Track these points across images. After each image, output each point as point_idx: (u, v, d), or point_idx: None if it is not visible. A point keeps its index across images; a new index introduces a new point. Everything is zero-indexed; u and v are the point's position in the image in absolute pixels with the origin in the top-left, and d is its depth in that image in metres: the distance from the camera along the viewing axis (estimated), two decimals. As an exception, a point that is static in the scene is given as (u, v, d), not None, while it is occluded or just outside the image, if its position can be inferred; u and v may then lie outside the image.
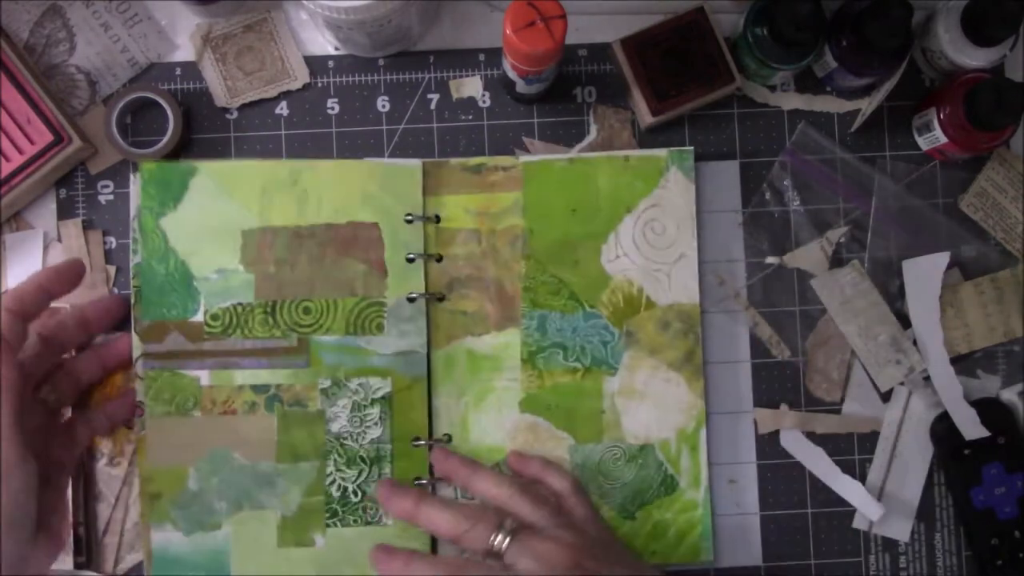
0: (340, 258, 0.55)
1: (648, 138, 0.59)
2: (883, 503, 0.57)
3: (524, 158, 0.57)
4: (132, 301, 0.54)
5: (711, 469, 0.57)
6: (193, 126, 0.58)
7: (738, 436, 0.58)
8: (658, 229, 0.57)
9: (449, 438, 0.56)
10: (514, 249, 0.56)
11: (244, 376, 0.54)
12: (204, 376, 0.54)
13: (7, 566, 0.45)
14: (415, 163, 0.56)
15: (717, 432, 0.58)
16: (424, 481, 0.55)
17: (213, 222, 0.54)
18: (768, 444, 0.58)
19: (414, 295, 0.55)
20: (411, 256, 0.55)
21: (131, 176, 0.55)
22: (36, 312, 0.50)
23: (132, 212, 0.55)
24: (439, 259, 0.56)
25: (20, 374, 0.47)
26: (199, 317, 0.54)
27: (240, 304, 0.54)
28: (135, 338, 0.54)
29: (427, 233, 0.56)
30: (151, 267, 0.54)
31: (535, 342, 0.56)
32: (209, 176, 0.54)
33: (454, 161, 0.57)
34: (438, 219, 0.56)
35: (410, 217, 0.55)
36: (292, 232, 0.54)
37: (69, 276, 0.51)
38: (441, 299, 0.56)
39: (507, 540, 0.48)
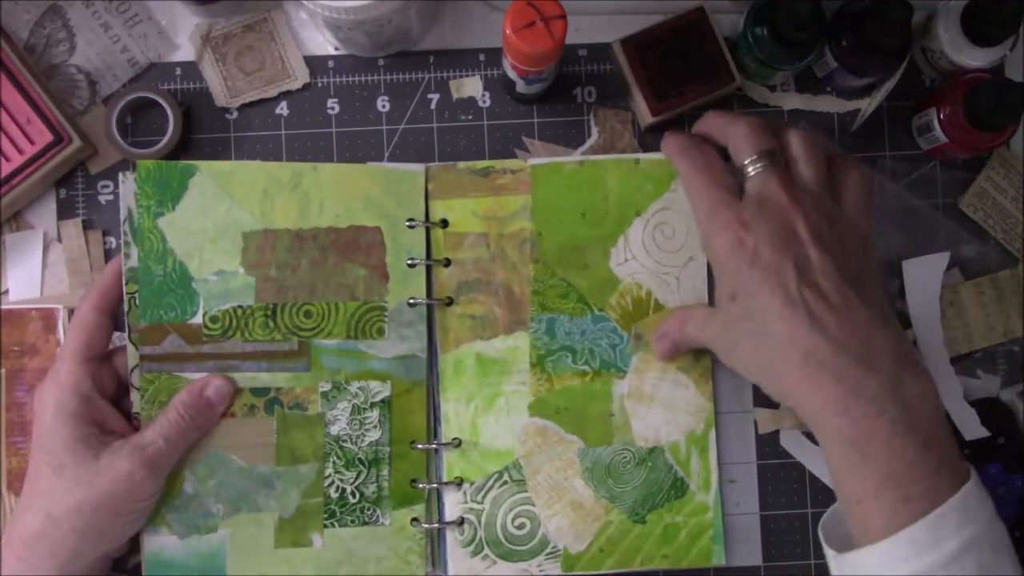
0: (341, 262, 0.55)
1: (649, 138, 0.59)
2: (883, 503, 0.58)
3: (532, 161, 0.57)
4: (126, 308, 0.53)
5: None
6: (193, 126, 0.58)
7: (738, 436, 0.58)
8: (668, 232, 0.57)
9: (459, 442, 0.56)
10: (522, 252, 0.56)
11: (243, 379, 0.54)
12: None
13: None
14: (418, 168, 0.56)
15: (717, 432, 0.57)
16: (422, 485, 0.55)
17: (213, 223, 0.54)
18: (768, 444, 0.58)
19: (415, 300, 0.55)
20: (412, 261, 0.55)
21: (120, 176, 0.54)
22: (120, 302, 0.53)
23: (123, 214, 0.53)
24: (447, 263, 0.56)
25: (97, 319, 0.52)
26: (198, 319, 0.53)
27: (240, 307, 0.54)
28: (130, 347, 0.53)
29: (435, 237, 0.56)
30: (148, 268, 0.53)
31: (544, 345, 0.56)
32: (209, 176, 0.54)
33: (462, 164, 0.57)
34: (446, 223, 0.56)
35: (412, 223, 0.55)
36: (294, 235, 0.54)
37: None
38: (449, 303, 0.56)
39: (758, 167, 0.49)
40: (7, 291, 0.57)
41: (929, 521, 0.42)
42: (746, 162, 0.50)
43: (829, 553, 0.47)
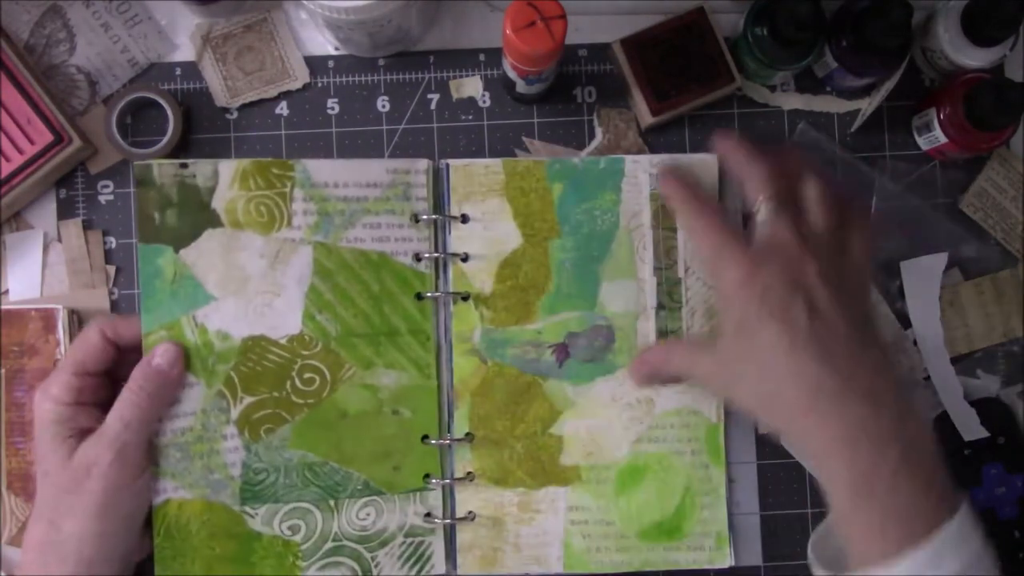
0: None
1: (650, 138, 0.59)
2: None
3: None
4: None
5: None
6: (193, 126, 0.58)
7: (738, 436, 0.58)
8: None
9: (472, 437, 0.56)
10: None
11: None
12: None
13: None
14: (423, 163, 0.56)
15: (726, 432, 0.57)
16: (435, 481, 0.55)
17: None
18: (768, 444, 0.58)
19: (425, 295, 0.55)
20: (421, 257, 0.55)
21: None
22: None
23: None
24: (465, 259, 0.56)
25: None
26: None
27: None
28: None
29: (455, 234, 0.56)
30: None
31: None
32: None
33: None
34: (465, 219, 0.56)
35: (421, 217, 0.55)
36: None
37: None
38: (466, 298, 0.56)
39: (772, 208, 0.48)
40: (7, 291, 0.57)
41: (928, 552, 0.42)
42: (760, 202, 0.49)
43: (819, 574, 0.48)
